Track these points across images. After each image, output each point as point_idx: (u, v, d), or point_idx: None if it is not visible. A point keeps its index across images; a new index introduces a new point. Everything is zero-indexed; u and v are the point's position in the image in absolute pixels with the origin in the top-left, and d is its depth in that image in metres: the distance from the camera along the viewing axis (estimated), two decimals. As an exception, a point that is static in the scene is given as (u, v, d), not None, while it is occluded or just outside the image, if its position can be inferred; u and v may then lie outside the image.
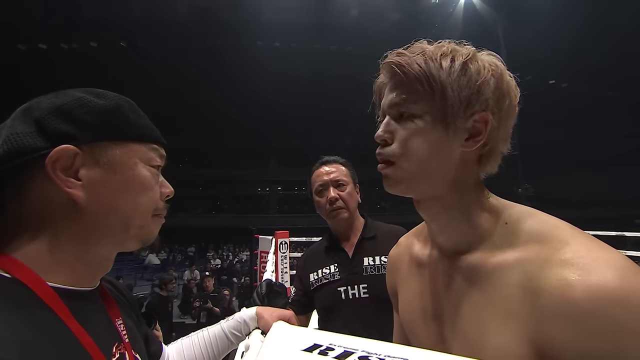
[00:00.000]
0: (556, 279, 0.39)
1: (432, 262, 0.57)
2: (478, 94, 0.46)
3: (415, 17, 18.03)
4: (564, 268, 0.39)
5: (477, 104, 0.46)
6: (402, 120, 0.49)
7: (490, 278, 0.46)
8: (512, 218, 0.49)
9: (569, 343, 0.37)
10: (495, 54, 0.51)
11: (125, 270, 12.01)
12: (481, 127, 0.47)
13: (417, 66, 0.47)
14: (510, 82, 0.49)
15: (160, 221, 0.54)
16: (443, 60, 0.47)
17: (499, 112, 0.47)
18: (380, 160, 0.51)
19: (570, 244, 0.41)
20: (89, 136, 0.45)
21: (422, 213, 0.54)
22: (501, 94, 0.48)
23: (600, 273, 0.37)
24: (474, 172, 0.51)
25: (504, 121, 0.48)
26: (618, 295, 0.35)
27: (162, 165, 0.55)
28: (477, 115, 0.47)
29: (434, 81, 0.46)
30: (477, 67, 0.47)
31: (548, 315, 0.39)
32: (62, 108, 0.45)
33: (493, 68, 0.48)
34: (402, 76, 0.48)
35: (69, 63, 17.43)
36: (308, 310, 1.33)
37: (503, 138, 0.50)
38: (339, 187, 1.27)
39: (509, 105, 0.48)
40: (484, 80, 0.46)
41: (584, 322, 0.36)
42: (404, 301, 0.64)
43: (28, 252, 0.43)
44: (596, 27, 17.75)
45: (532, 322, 0.40)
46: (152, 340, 0.65)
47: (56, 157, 0.43)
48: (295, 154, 24.32)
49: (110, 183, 0.47)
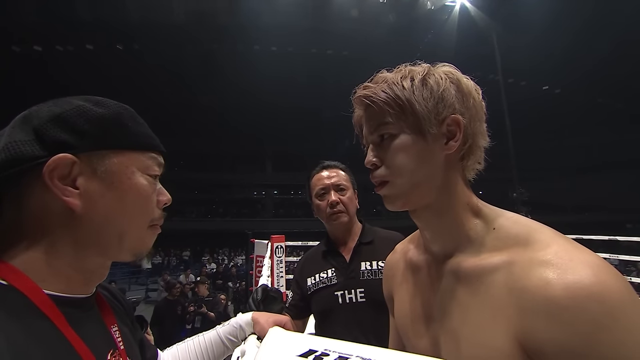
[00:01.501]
0: (537, 279, 0.42)
1: (425, 266, 0.61)
2: (442, 101, 0.52)
3: (411, 23, 18.24)
4: (544, 268, 0.43)
5: (444, 110, 0.52)
6: (385, 143, 0.54)
7: (479, 279, 0.49)
8: (498, 222, 0.52)
9: (549, 338, 0.39)
10: (450, 64, 0.57)
11: (119, 275, 11.87)
12: (455, 129, 0.52)
13: (383, 93, 0.53)
14: (469, 83, 0.55)
15: (155, 232, 0.54)
16: (404, 81, 0.53)
17: (467, 111, 0.53)
18: (376, 183, 0.56)
19: (550, 246, 0.45)
20: (87, 145, 0.46)
21: (416, 221, 0.58)
22: (463, 95, 0.53)
23: (577, 272, 0.40)
24: (460, 172, 0.55)
25: (474, 118, 0.53)
26: (593, 291, 0.38)
27: (160, 174, 0.55)
28: (448, 119, 0.52)
29: (400, 101, 0.52)
30: (435, 79, 0.53)
31: (530, 312, 0.42)
32: (61, 116, 0.45)
33: (449, 76, 0.54)
34: (373, 106, 0.54)
35: (64, 65, 17.35)
36: (305, 315, 1.32)
37: (479, 132, 0.54)
38: (340, 192, 1.29)
39: (474, 102, 0.54)
40: (444, 88, 0.52)
41: (563, 317, 0.39)
42: (399, 305, 0.67)
43: (25, 260, 0.43)
44: (590, 33, 18.05)
45: (516, 319, 0.43)
46: (147, 346, 0.65)
47: (54, 166, 0.43)
48: (291, 158, 24.35)
49: (107, 192, 0.47)
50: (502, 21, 16.53)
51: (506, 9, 17.05)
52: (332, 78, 19.77)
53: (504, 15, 16.85)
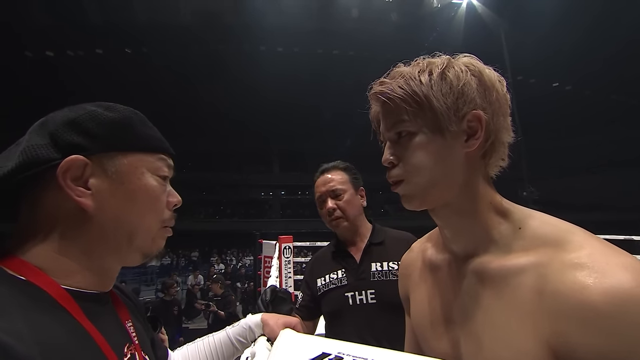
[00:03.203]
0: (571, 282, 0.40)
1: (445, 265, 0.58)
2: (463, 96, 0.49)
3: (417, 21, 18.12)
4: (579, 271, 0.41)
5: (465, 106, 0.49)
6: (402, 140, 0.52)
7: (504, 281, 0.47)
8: (525, 222, 0.50)
9: (586, 344, 0.38)
10: (471, 55, 0.53)
11: (129, 275, 12.01)
12: (476, 125, 0.49)
13: (399, 89, 0.50)
14: (492, 75, 0.51)
15: (166, 233, 0.55)
16: (421, 76, 0.50)
17: (489, 105, 0.50)
18: (392, 182, 0.54)
19: (584, 248, 0.42)
20: (98, 147, 0.47)
21: (436, 219, 0.56)
22: (486, 89, 0.50)
23: (615, 276, 0.38)
24: (482, 170, 0.52)
25: (497, 112, 0.50)
26: (634, 296, 0.37)
27: (170, 175, 0.56)
28: (469, 116, 0.49)
29: (418, 97, 0.49)
30: (454, 73, 0.50)
31: (564, 317, 0.40)
32: (75, 121, 0.47)
33: (470, 68, 0.50)
34: (389, 102, 0.51)
35: (75, 69, 17.68)
36: (315, 316, 1.32)
37: (503, 128, 0.51)
38: (337, 197, 1.26)
39: (497, 95, 0.51)
40: (464, 82, 0.49)
41: (602, 324, 0.37)
42: (416, 305, 0.65)
43: (40, 258, 0.45)
44: (599, 29, 17.70)
45: (547, 323, 0.41)
46: (158, 345, 0.65)
47: (67, 167, 0.45)
48: (298, 158, 24.36)
49: (117, 192, 0.48)
50: (509, 18, 16.31)
51: (513, 6, 16.79)
52: (337, 77, 19.77)
53: (512, 11, 16.61)
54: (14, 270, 0.42)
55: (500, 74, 0.53)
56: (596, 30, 17.68)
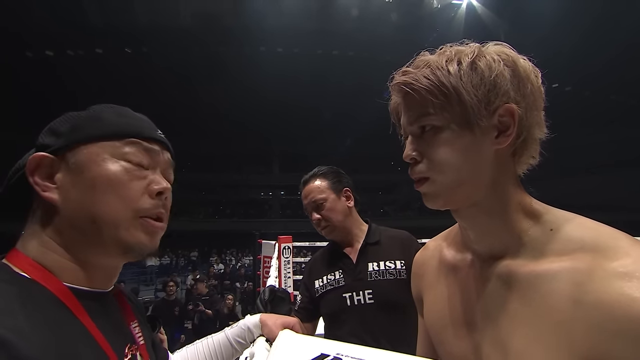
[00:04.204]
0: (618, 294, 0.36)
1: (465, 266, 0.55)
2: (495, 88, 0.44)
3: (416, 22, 18.10)
4: (626, 281, 0.36)
5: (497, 99, 0.45)
6: (426, 135, 0.48)
7: (533, 287, 0.43)
8: (557, 224, 0.46)
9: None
10: (503, 42, 0.49)
11: (128, 275, 12.00)
12: (508, 120, 0.45)
13: (425, 80, 0.46)
14: (526, 66, 0.47)
15: (149, 225, 0.50)
16: (449, 65, 0.46)
17: (523, 99, 0.45)
18: (415, 179, 0.50)
19: (630, 255, 0.38)
20: (61, 142, 0.49)
21: (459, 220, 0.53)
22: (520, 81, 0.46)
23: None
24: (511, 169, 0.49)
25: (531, 106, 0.46)
26: None
27: (147, 161, 0.52)
28: (500, 110, 0.45)
29: (446, 89, 0.45)
30: (486, 62, 0.45)
31: (608, 331, 0.36)
32: (51, 126, 0.51)
33: (504, 57, 0.46)
34: (413, 94, 0.47)
35: (75, 69, 17.67)
36: (315, 318, 1.32)
37: (536, 123, 0.47)
38: (318, 208, 1.26)
39: (532, 88, 0.46)
40: (497, 73, 0.44)
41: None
42: (431, 306, 0.61)
43: (40, 255, 0.46)
44: (599, 31, 17.72)
45: (586, 337, 0.37)
46: (158, 347, 0.65)
47: (33, 166, 0.47)
48: (298, 158, 24.35)
49: (78, 182, 0.48)
50: (509, 19, 16.32)
51: (513, 7, 16.81)
52: (337, 78, 19.76)
53: (511, 12, 16.64)
54: (18, 266, 0.44)
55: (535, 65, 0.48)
56: (596, 32, 17.68)
